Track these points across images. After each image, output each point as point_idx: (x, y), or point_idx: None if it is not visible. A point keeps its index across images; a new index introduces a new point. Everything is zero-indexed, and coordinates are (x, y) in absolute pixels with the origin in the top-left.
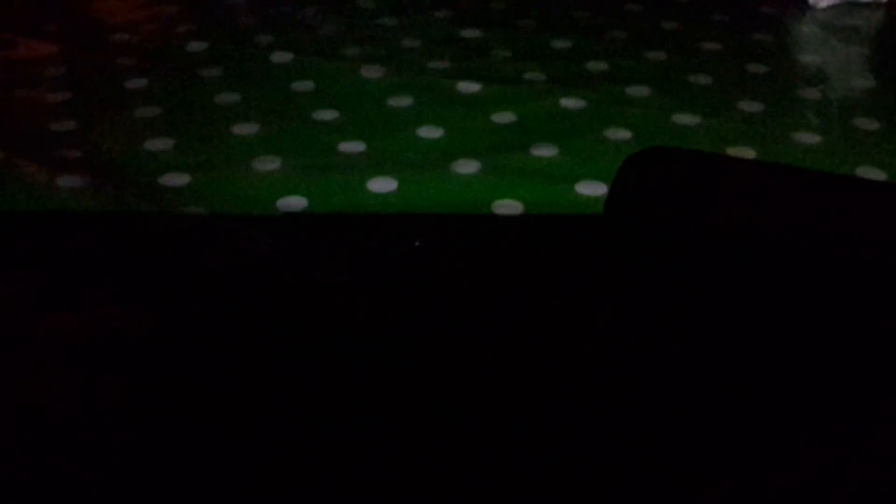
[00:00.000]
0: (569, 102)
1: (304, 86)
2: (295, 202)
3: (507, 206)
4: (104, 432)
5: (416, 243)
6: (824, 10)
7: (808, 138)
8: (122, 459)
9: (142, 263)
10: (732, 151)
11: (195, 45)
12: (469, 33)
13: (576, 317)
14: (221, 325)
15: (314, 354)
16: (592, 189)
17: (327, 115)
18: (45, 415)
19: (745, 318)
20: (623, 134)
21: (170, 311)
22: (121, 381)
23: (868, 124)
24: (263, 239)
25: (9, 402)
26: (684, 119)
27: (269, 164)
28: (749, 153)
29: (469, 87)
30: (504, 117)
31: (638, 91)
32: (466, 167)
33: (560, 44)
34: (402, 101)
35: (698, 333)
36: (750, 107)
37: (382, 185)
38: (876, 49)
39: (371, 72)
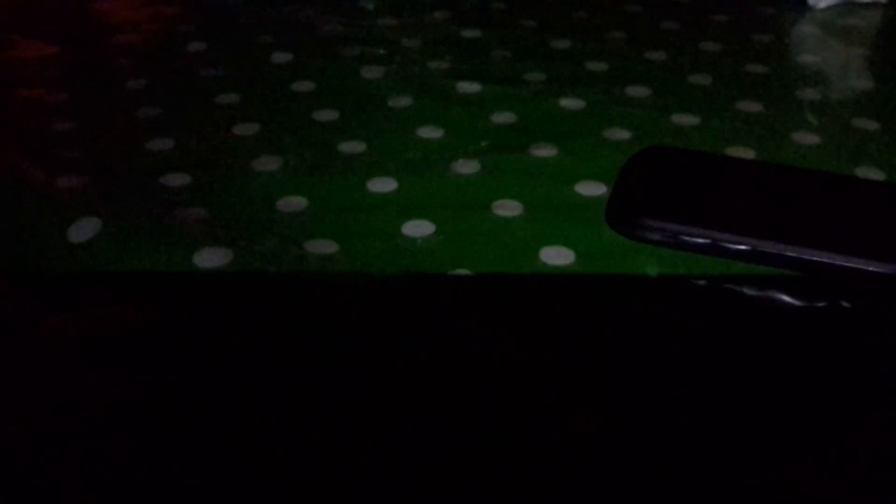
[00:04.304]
0: (568, 103)
1: (305, 86)
2: (295, 202)
3: (507, 206)
4: (106, 433)
5: (419, 242)
6: (823, 10)
7: (807, 138)
8: (124, 460)
9: (143, 262)
10: (731, 151)
11: (195, 46)
12: (469, 34)
13: (577, 316)
14: (222, 324)
15: (316, 354)
16: (592, 189)
17: (327, 115)
18: (47, 416)
19: (744, 317)
20: (622, 134)
21: (171, 311)
22: (123, 382)
23: (867, 124)
24: (263, 238)
25: (9, 403)
26: (684, 119)
27: (269, 163)
28: (748, 153)
29: (469, 87)
30: (504, 117)
31: (637, 91)
32: (466, 167)
33: (559, 44)
34: (402, 102)
35: (696, 332)
36: (749, 107)
37: (382, 185)
38: (875, 49)
39: (371, 72)
